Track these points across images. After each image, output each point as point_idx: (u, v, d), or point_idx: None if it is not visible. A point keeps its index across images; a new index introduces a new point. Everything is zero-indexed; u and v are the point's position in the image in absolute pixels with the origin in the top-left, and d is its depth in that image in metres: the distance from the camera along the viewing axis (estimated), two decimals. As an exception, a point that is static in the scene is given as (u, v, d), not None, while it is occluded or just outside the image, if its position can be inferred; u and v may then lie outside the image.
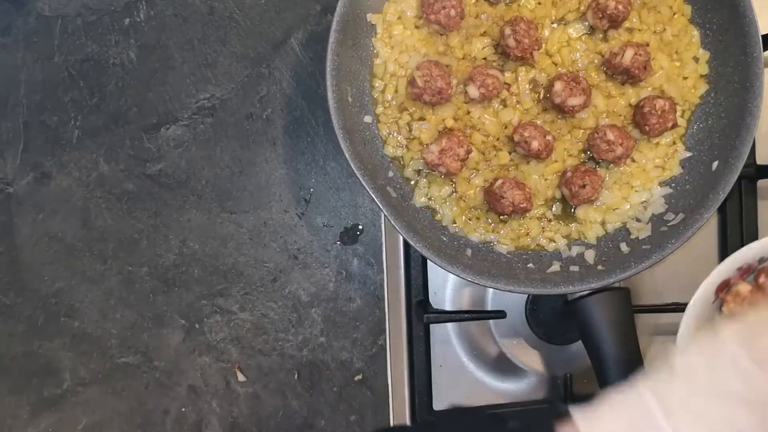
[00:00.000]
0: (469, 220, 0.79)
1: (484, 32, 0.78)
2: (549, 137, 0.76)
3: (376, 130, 0.79)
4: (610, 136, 0.75)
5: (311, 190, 0.90)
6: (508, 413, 0.86)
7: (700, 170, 0.78)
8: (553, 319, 0.89)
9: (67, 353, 0.88)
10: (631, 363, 0.75)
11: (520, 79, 0.78)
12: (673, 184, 0.80)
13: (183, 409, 0.90)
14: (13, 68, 0.87)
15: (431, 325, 0.88)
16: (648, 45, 0.78)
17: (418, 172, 0.79)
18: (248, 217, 0.90)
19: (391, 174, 0.79)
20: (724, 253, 0.90)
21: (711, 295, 0.68)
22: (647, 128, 0.77)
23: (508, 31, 0.74)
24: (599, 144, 0.76)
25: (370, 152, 0.77)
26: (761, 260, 0.69)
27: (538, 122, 0.78)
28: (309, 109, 0.90)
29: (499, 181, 0.76)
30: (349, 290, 0.91)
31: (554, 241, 0.80)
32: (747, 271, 0.69)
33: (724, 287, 0.69)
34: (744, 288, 0.69)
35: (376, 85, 0.78)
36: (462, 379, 0.90)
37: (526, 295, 0.89)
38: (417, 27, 0.78)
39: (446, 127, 0.78)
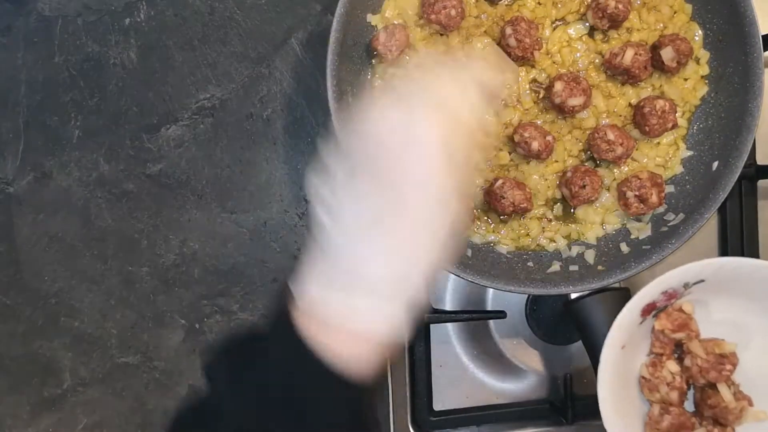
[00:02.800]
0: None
1: (485, 32, 0.78)
2: (549, 137, 0.76)
3: (376, 130, 0.79)
4: (611, 135, 0.75)
5: (311, 190, 0.90)
6: None
7: (700, 170, 0.78)
8: (553, 320, 0.89)
9: (67, 353, 0.88)
10: (631, 363, 0.75)
11: (520, 79, 0.78)
12: (673, 184, 0.80)
13: (183, 409, 0.90)
14: (14, 68, 0.87)
15: (431, 325, 0.88)
16: (648, 45, 0.78)
17: (419, 172, 0.79)
18: (248, 217, 0.90)
19: (391, 174, 0.79)
20: (724, 253, 0.90)
21: (637, 317, 0.70)
22: (647, 128, 0.77)
23: (509, 30, 0.74)
24: (599, 144, 0.76)
25: (371, 152, 0.77)
26: (686, 285, 0.70)
27: (539, 122, 0.78)
28: (309, 109, 0.90)
29: (500, 181, 0.76)
30: (349, 290, 0.91)
31: (554, 241, 0.80)
32: (672, 296, 0.71)
33: (651, 310, 0.71)
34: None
35: (376, 85, 0.78)
36: (462, 379, 0.90)
37: (526, 296, 0.89)
38: (418, 26, 0.78)
39: (446, 127, 0.78)
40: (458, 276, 0.73)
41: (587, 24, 0.78)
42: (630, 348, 0.71)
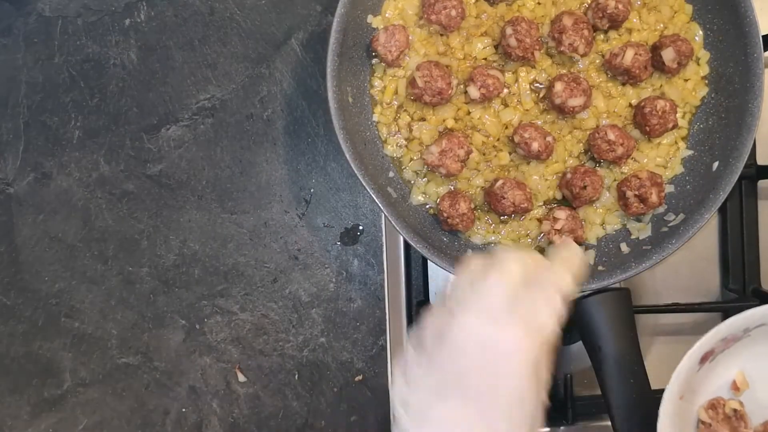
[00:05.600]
0: (470, 220, 0.79)
1: (485, 32, 0.78)
2: (549, 138, 0.76)
3: (376, 130, 0.79)
4: (611, 136, 0.75)
5: (312, 190, 0.90)
6: None
7: (700, 170, 0.78)
8: (553, 320, 0.89)
9: (68, 353, 0.88)
10: (631, 363, 0.75)
11: (520, 79, 0.78)
12: (673, 184, 0.80)
13: (183, 410, 0.90)
14: (14, 69, 0.87)
15: (431, 326, 0.88)
16: (648, 45, 0.78)
17: (418, 172, 0.79)
18: (248, 218, 0.90)
19: (391, 174, 0.79)
20: (724, 253, 0.90)
21: (695, 365, 0.69)
22: (648, 129, 0.76)
23: (509, 30, 0.74)
24: (600, 144, 0.76)
25: (371, 153, 0.77)
26: (746, 330, 0.69)
27: (539, 123, 0.78)
28: (309, 110, 0.90)
29: (500, 182, 0.75)
30: (349, 291, 0.91)
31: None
32: (731, 341, 0.70)
33: (708, 356, 0.70)
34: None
35: (376, 84, 0.78)
36: (462, 379, 0.90)
37: (527, 296, 0.89)
38: (418, 27, 0.78)
39: (446, 127, 0.78)
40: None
41: (587, 24, 0.78)
42: (688, 396, 0.70)
